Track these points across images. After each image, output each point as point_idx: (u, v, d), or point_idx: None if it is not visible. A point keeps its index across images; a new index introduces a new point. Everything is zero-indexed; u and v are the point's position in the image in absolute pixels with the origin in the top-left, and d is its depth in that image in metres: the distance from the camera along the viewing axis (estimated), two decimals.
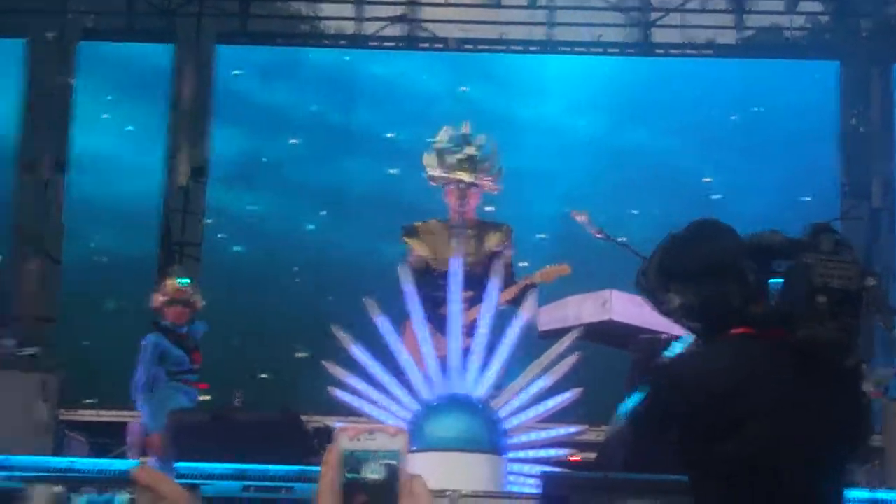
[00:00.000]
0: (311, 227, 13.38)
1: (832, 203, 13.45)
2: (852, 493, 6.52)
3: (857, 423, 3.60)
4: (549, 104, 13.44)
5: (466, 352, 7.62)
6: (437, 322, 8.16)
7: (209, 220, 13.47)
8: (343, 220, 13.34)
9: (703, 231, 3.67)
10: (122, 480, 1.41)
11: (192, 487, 5.41)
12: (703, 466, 3.49)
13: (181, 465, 5.99)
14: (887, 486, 7.48)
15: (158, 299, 9.31)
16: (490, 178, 8.82)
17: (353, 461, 1.46)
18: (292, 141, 13.58)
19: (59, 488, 1.46)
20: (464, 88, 13.26)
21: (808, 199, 13.05)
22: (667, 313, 3.63)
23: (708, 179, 13.29)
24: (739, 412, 3.40)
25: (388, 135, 13.09)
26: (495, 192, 8.96)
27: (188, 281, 9.57)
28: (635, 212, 12.84)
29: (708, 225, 3.70)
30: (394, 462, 1.45)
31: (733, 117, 13.47)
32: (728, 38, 13.62)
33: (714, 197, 13.04)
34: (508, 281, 8.42)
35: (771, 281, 3.56)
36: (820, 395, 3.47)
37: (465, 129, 8.91)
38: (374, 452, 1.46)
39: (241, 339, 12.22)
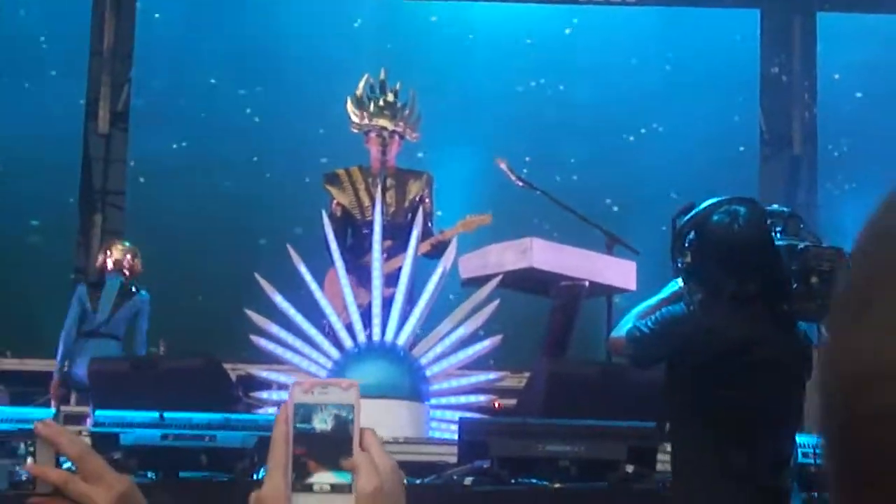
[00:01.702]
0: (228, 184, 13.29)
1: (752, 150, 13.60)
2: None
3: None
4: (472, 52, 13.42)
5: (387, 301, 7.65)
6: (359, 271, 8.19)
7: (132, 163, 13.33)
8: (268, 164, 13.27)
9: (750, 218, 4.18)
10: (25, 434, 1.40)
11: (111, 436, 5.41)
12: (704, 408, 4.09)
13: (99, 413, 5.96)
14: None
15: (100, 259, 9.83)
16: (410, 126, 8.83)
17: (305, 413, 1.48)
18: (212, 81, 13.47)
19: None
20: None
21: (737, 148, 13.19)
22: (673, 259, 4.25)
23: (631, 138, 13.38)
24: (745, 365, 4.06)
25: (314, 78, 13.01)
26: (415, 140, 8.98)
27: (129, 245, 9.98)
28: (572, 160, 12.91)
29: (754, 213, 4.21)
30: (343, 414, 1.47)
31: (661, 66, 13.53)
32: None
33: (630, 139, 13.17)
34: (427, 231, 8.45)
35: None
36: (795, 353, 4.16)
37: (382, 75, 8.91)
38: (325, 405, 1.48)
39: (166, 287, 12.16)
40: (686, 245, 4.16)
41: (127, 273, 9.54)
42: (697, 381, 4.13)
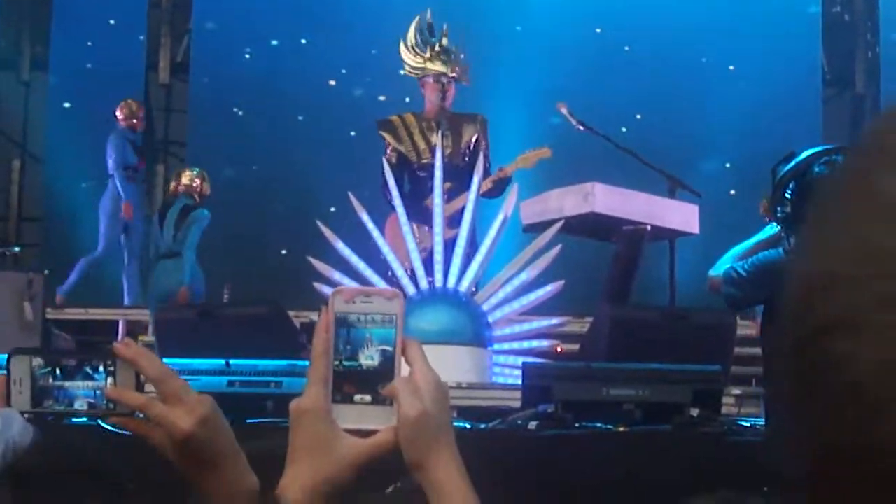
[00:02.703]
0: (289, 133, 13.32)
1: (814, 89, 13.45)
2: None
3: None
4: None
5: (449, 243, 7.66)
6: (418, 215, 8.22)
7: (192, 113, 13.38)
8: (325, 118, 13.28)
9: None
10: (104, 354, 1.40)
11: None
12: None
13: (166, 361, 6.02)
14: None
15: (172, 186, 10.69)
16: (463, 70, 8.88)
17: (350, 345, 1.47)
18: (273, 42, 13.48)
19: (38, 360, 1.47)
20: None
21: (800, 88, 13.09)
22: (773, 207, 4.31)
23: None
24: None
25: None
26: (466, 84, 9.01)
27: (197, 170, 10.67)
28: (633, 101, 12.82)
29: None
30: (389, 348, 1.47)
31: (722, 5, 13.42)
32: None
33: (690, 79, 13.05)
34: (486, 171, 8.50)
35: None
36: None
37: (429, 17, 8.93)
38: (370, 331, 1.47)
39: (229, 234, 12.25)
40: (786, 195, 4.16)
41: (196, 197, 10.13)
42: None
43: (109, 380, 1.69)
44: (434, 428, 1.44)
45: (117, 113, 11.52)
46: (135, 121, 11.50)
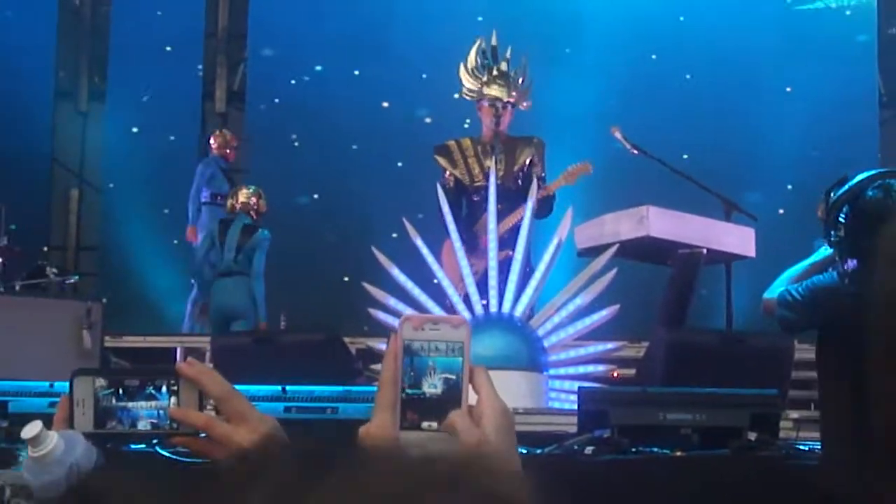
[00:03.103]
0: (344, 160, 13.36)
1: (870, 111, 13.36)
2: None
3: None
4: (586, 21, 13.33)
5: (501, 265, 7.66)
6: (471, 239, 8.23)
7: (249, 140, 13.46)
8: (378, 145, 13.32)
9: None
10: (168, 373, 1.41)
11: None
12: (854, 377, 3.98)
13: None
14: None
15: (229, 204, 10.66)
16: (522, 95, 8.86)
17: (413, 373, 1.48)
18: (317, 68, 13.54)
19: (101, 381, 1.46)
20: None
21: (857, 111, 12.99)
22: (826, 232, 4.23)
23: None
24: None
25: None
26: (526, 109, 8.98)
27: (254, 188, 10.70)
28: (688, 126, 12.79)
29: None
30: (452, 376, 1.47)
31: (778, 28, 13.36)
32: None
33: (746, 102, 12.96)
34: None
35: None
36: None
37: (494, 41, 8.94)
38: (433, 359, 1.47)
39: (285, 262, 12.30)
40: (840, 219, 4.15)
41: (254, 214, 10.21)
42: (848, 351, 4.13)
43: (173, 399, 1.67)
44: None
45: (211, 141, 11.80)
46: (228, 150, 11.77)
